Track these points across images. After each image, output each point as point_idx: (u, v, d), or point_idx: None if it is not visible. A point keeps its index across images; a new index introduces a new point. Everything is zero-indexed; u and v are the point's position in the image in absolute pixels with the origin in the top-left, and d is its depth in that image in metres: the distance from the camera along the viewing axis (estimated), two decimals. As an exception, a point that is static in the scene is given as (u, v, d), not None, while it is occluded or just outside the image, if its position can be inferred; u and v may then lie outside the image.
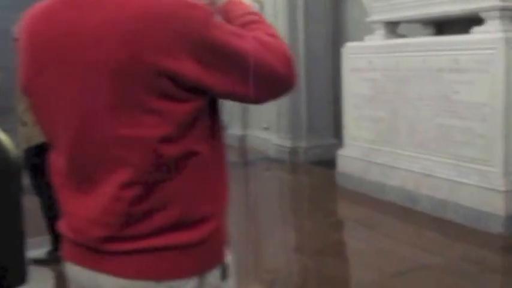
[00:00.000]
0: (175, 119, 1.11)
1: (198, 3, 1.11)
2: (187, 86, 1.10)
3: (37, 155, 3.80)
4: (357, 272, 4.06)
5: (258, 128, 8.35)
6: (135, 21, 1.06)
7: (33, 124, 3.80)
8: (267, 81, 1.18)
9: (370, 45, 5.70)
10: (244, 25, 1.25)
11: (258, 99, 1.22)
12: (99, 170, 1.16)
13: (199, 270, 1.20)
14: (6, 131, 2.05)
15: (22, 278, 1.94)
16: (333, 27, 7.40)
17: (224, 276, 1.25)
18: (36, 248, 3.89)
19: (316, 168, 7.01)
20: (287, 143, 7.42)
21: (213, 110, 1.21)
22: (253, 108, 8.10)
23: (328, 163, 6.56)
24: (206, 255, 1.21)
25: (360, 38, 6.08)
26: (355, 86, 5.85)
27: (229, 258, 1.28)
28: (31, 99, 1.26)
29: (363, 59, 5.70)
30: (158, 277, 1.17)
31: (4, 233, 1.88)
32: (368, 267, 3.95)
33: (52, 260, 3.92)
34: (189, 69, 1.08)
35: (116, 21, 1.07)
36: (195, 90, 1.11)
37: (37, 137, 3.74)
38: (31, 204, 3.19)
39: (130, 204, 1.14)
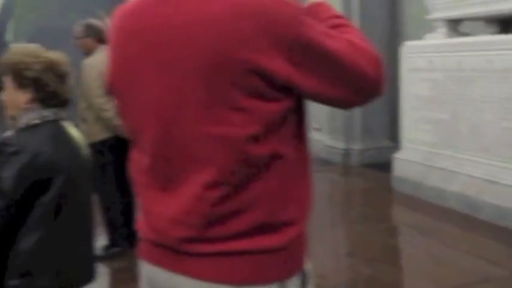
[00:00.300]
0: (264, 118, 1.10)
1: (289, 1, 1.10)
2: (278, 85, 1.09)
3: (97, 151, 3.85)
4: (413, 282, 3.87)
5: (310, 128, 8.22)
6: (225, 18, 1.06)
7: (94, 121, 3.87)
8: (356, 84, 1.16)
9: (431, 44, 5.48)
10: (332, 28, 1.22)
11: (347, 103, 1.21)
12: (183, 169, 1.15)
13: (281, 276, 1.18)
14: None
15: (91, 276, 1.98)
16: (390, 25, 7.21)
17: (304, 284, 1.23)
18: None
19: (370, 171, 6.84)
20: (340, 145, 7.26)
21: (299, 112, 1.19)
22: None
23: (383, 166, 6.38)
24: (288, 261, 1.19)
25: (418, 37, 5.87)
26: (413, 87, 5.64)
27: (308, 265, 1.25)
28: (117, 98, 1.26)
29: (423, 59, 5.50)
30: (238, 281, 1.15)
31: (75, 232, 1.91)
32: (425, 277, 3.76)
33: (107, 257, 3.92)
34: (279, 67, 1.07)
35: (206, 18, 1.07)
36: (284, 89, 1.10)
37: (97, 134, 3.82)
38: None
39: (213, 205, 1.13)
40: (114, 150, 3.99)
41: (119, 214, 4.06)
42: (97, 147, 3.87)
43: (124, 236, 4.10)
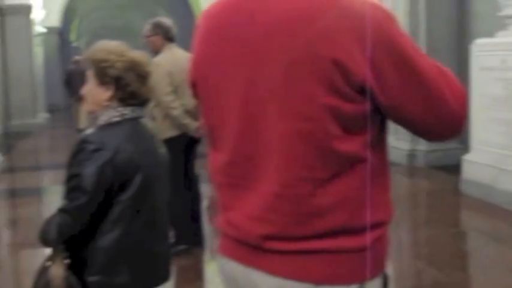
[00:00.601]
0: (342, 117, 1.09)
1: (383, 6, 1.10)
2: (356, 86, 1.08)
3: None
4: (486, 290, 3.72)
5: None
6: (311, 14, 1.08)
7: (162, 119, 3.93)
8: (436, 111, 1.13)
9: (504, 42, 5.28)
10: None
11: (421, 129, 1.17)
12: (264, 165, 1.15)
13: (360, 278, 1.16)
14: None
15: (167, 275, 1.99)
16: (458, 23, 6.99)
17: (385, 287, 1.22)
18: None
19: (436, 173, 6.64)
20: (405, 146, 7.08)
21: (380, 118, 1.17)
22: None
23: (451, 168, 6.19)
24: (369, 263, 1.17)
25: (488, 34, 5.68)
26: (485, 87, 5.43)
27: (389, 269, 1.25)
28: (199, 94, 1.27)
29: (496, 57, 5.29)
30: (317, 280, 1.14)
31: (153, 231, 1.92)
32: (497, 286, 3.60)
33: (173, 254, 3.94)
34: (358, 67, 1.06)
35: (293, 14, 1.09)
36: (362, 91, 1.09)
37: (165, 131, 3.83)
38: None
39: (294, 202, 1.13)
40: (182, 148, 4.00)
41: (185, 212, 4.07)
42: (164, 145, 3.90)
43: (190, 233, 4.11)
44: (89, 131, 1.89)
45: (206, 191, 4.42)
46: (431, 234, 4.73)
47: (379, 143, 1.17)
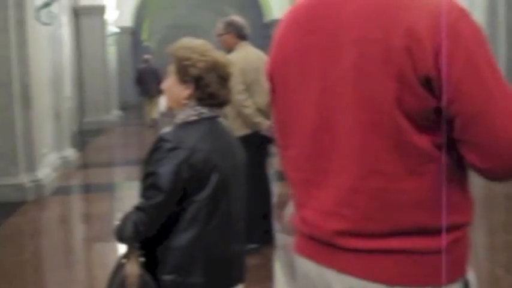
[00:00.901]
0: (409, 111, 1.08)
1: (460, 4, 1.09)
2: (421, 75, 1.06)
3: None
4: None
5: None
6: (390, 9, 1.09)
7: (235, 117, 3.94)
8: (492, 129, 1.06)
9: None
10: None
11: (470, 145, 1.09)
12: (338, 159, 1.15)
13: (435, 281, 1.13)
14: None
15: (242, 276, 1.96)
16: (540, 18, 6.65)
17: None
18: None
19: (514, 175, 6.32)
20: (480, 146, 6.83)
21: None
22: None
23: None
24: (446, 266, 1.13)
25: None
26: None
27: (471, 275, 1.19)
28: (276, 87, 1.29)
29: None
30: (391, 281, 1.12)
31: (229, 231, 1.94)
32: None
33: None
34: (428, 57, 1.05)
35: (373, 9, 1.11)
36: (428, 86, 1.07)
37: (236, 130, 3.82)
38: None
39: (367, 197, 1.12)
40: (253, 146, 3.99)
41: (256, 211, 4.05)
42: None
43: (260, 233, 4.09)
44: (167, 129, 1.88)
45: (275, 189, 4.40)
46: (510, 239, 4.55)
47: (455, 143, 1.13)
